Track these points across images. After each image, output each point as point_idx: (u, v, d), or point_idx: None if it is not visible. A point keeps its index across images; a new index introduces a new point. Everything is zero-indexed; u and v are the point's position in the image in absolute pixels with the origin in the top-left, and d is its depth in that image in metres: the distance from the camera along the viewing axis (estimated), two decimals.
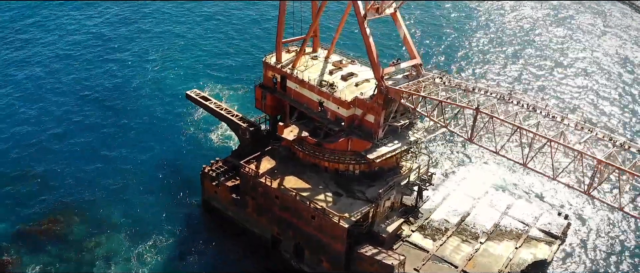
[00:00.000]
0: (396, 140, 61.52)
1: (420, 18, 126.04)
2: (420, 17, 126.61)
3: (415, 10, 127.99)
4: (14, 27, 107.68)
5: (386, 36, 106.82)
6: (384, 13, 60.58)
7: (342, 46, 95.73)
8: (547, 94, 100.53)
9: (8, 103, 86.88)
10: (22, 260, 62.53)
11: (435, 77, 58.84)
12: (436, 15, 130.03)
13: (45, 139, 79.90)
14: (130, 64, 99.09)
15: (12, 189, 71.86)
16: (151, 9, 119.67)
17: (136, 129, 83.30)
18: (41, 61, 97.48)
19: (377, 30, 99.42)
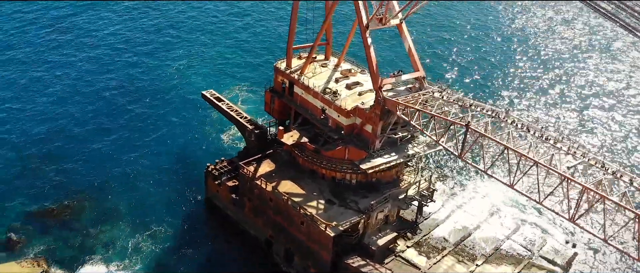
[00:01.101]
0: (394, 152, 60.82)
1: (431, 29, 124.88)
2: (430, 27, 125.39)
3: (425, 21, 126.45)
4: (57, 27, 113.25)
5: None
6: (388, 24, 60.22)
7: (358, 56, 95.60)
8: (551, 112, 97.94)
9: (39, 95, 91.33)
10: (29, 241, 65.71)
11: (435, 91, 57.94)
12: (447, 25, 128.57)
13: (68, 130, 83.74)
14: (156, 62, 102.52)
15: (33, 174, 75.73)
16: (180, 9, 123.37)
17: (154, 125, 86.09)
18: (73, 60, 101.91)
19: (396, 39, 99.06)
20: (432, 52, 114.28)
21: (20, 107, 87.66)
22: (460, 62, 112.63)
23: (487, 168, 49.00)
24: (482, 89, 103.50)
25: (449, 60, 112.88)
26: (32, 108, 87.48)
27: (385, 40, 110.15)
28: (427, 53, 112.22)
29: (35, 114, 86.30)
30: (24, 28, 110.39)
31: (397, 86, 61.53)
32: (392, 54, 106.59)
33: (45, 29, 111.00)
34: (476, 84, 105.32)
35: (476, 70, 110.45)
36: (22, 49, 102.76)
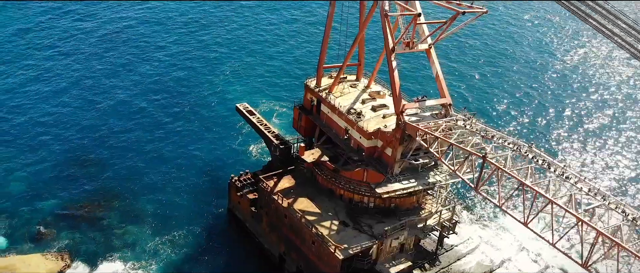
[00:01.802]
0: (413, 179, 59.33)
1: (458, 54, 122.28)
2: (458, 52, 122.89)
3: (453, 45, 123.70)
4: (109, 36, 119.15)
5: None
6: (416, 48, 59.36)
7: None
8: (580, 149, 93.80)
9: (86, 100, 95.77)
10: (57, 235, 68.64)
11: (459, 120, 56.29)
12: (475, 51, 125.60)
13: (107, 133, 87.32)
14: (200, 74, 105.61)
15: (71, 173, 79.26)
16: (229, 28, 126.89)
17: (188, 134, 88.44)
18: (123, 61, 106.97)
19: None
20: (459, 78, 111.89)
21: (68, 110, 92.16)
22: (490, 90, 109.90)
23: (502, 203, 46.91)
24: (509, 119, 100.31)
25: (477, 87, 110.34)
26: (78, 112, 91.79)
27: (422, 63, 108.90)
28: (454, 78, 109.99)
29: (80, 117, 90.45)
30: (77, 35, 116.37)
31: (423, 111, 60.32)
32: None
33: (97, 36, 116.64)
34: (504, 113, 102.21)
35: (505, 99, 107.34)
36: (73, 56, 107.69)
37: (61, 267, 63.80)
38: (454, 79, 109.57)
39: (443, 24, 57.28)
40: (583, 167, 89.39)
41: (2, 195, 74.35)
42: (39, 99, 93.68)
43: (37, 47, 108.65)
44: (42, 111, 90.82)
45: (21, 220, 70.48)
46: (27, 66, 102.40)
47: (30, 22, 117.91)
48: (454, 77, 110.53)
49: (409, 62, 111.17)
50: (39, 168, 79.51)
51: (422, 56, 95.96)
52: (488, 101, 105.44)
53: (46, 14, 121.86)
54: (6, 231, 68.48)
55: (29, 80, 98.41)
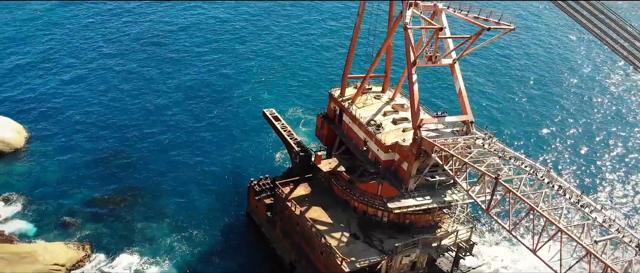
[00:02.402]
0: (429, 196, 57.94)
1: (483, 70, 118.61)
2: (484, 68, 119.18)
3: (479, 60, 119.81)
4: (152, 34, 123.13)
5: None
6: (439, 63, 58.11)
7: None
8: (602, 177, 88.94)
9: (124, 94, 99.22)
10: (81, 225, 71.18)
11: (479, 138, 54.64)
12: (500, 67, 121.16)
13: (139, 132, 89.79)
14: (234, 77, 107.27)
15: (102, 166, 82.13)
16: (270, 29, 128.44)
17: (217, 136, 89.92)
18: (161, 64, 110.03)
19: None
20: (485, 95, 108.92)
21: (106, 109, 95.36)
22: (516, 109, 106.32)
23: (512, 227, 45.07)
24: (533, 141, 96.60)
25: (503, 105, 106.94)
26: (114, 111, 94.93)
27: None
28: (480, 95, 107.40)
29: (116, 117, 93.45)
30: (122, 37, 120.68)
31: (445, 127, 58.98)
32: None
33: (140, 40, 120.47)
34: (528, 134, 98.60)
35: (530, 119, 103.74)
36: (116, 58, 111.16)
37: (81, 257, 65.98)
38: (480, 96, 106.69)
39: (467, 39, 55.94)
40: (604, 196, 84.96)
41: (37, 184, 77.81)
42: (80, 97, 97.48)
43: (84, 47, 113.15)
44: (82, 108, 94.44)
45: (50, 209, 73.49)
46: (71, 64, 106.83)
47: (80, 23, 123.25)
48: (480, 94, 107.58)
49: (442, 78, 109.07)
50: (73, 161, 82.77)
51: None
52: (513, 121, 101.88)
53: (96, 15, 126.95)
54: (35, 218, 71.57)
55: (72, 78, 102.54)
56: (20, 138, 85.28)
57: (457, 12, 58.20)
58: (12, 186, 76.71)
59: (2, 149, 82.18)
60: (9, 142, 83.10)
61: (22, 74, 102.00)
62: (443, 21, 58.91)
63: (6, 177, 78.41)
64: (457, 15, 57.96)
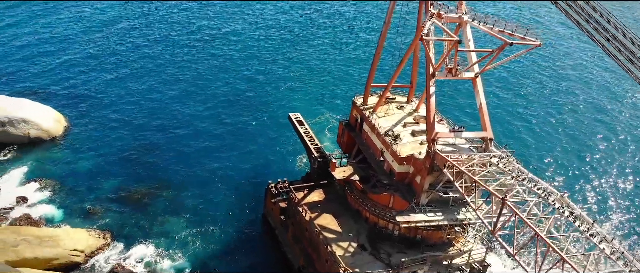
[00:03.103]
0: (441, 213, 56.32)
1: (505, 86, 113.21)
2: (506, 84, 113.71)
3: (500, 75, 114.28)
4: (188, 32, 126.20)
5: None
6: (460, 76, 56.45)
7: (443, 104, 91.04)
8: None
9: (160, 92, 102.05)
10: (104, 214, 73.76)
11: (495, 156, 52.69)
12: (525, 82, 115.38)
13: (170, 128, 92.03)
14: (266, 80, 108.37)
15: (131, 159, 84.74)
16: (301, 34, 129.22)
17: (243, 137, 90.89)
18: (196, 66, 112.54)
19: None
20: (509, 112, 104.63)
21: (142, 104, 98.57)
22: (542, 129, 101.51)
23: (515, 251, 43.13)
24: (557, 165, 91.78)
25: (526, 124, 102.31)
26: (150, 106, 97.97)
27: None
28: (504, 112, 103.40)
29: (151, 111, 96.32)
30: (169, 36, 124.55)
31: (464, 143, 57.32)
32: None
33: (185, 40, 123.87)
34: (551, 155, 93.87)
35: (556, 140, 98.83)
36: (158, 59, 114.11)
37: (100, 245, 68.27)
38: (504, 113, 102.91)
39: (489, 53, 54.14)
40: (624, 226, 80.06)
41: (70, 172, 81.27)
42: (119, 93, 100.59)
43: (129, 48, 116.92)
44: (120, 104, 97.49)
45: (78, 196, 76.53)
46: (116, 63, 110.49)
47: (130, 21, 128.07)
48: (503, 111, 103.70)
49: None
50: (106, 152, 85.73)
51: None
52: (541, 142, 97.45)
53: (145, 17, 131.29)
54: (62, 204, 74.73)
55: (115, 75, 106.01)
56: (59, 126, 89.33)
57: (482, 25, 56.45)
58: (45, 172, 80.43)
59: (41, 136, 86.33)
60: (47, 130, 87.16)
61: (69, 68, 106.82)
62: (467, 34, 57.36)
63: (41, 163, 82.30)
64: (482, 28, 56.22)
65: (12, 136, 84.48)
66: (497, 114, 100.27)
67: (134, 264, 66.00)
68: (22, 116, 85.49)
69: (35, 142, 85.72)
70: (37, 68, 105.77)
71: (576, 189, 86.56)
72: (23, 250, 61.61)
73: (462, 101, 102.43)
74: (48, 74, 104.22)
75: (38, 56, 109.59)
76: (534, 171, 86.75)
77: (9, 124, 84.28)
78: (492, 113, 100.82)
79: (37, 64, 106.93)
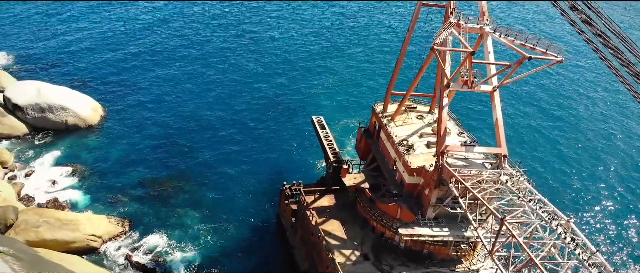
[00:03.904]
0: (447, 228, 54.63)
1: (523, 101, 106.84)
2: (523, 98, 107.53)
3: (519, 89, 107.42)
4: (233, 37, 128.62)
5: None
6: (476, 88, 54.60)
7: (465, 115, 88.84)
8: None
9: (193, 92, 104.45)
10: (127, 202, 76.29)
11: (505, 174, 50.58)
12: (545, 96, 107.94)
13: (201, 126, 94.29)
14: (300, 83, 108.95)
15: (160, 152, 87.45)
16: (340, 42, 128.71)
17: (269, 138, 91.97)
18: (234, 67, 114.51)
19: None
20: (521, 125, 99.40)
21: (176, 100, 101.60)
22: (569, 153, 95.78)
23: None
24: (576, 188, 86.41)
25: (551, 140, 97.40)
26: (184, 103, 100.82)
27: None
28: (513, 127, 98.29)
29: (184, 108, 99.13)
30: (212, 34, 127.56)
31: (477, 157, 55.42)
32: None
33: (228, 34, 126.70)
34: (572, 176, 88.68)
35: (573, 161, 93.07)
36: (200, 60, 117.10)
37: (118, 232, 70.65)
38: (523, 130, 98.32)
39: (507, 67, 52.00)
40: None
41: (101, 160, 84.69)
42: (158, 88, 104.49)
43: (174, 45, 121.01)
44: (157, 99, 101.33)
45: (105, 183, 79.61)
46: (158, 60, 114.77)
47: (175, 22, 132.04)
48: (522, 127, 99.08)
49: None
50: (137, 143, 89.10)
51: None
52: (563, 164, 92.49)
53: (189, 17, 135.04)
54: (89, 189, 77.93)
55: (156, 71, 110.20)
56: (96, 115, 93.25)
57: (502, 38, 54.31)
58: (78, 158, 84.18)
59: (78, 123, 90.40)
60: (85, 118, 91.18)
61: (112, 62, 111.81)
62: (488, 46, 55.46)
63: (75, 149, 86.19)
64: (502, 40, 54.07)
65: (51, 122, 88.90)
66: (518, 128, 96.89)
67: (146, 253, 67.86)
68: (61, 104, 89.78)
69: (72, 129, 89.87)
70: (82, 60, 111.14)
71: (589, 212, 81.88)
72: (43, 231, 64.56)
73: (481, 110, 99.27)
74: (92, 67, 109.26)
75: (85, 50, 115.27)
76: (551, 189, 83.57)
77: (49, 110, 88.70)
78: (515, 125, 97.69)
79: (83, 57, 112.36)
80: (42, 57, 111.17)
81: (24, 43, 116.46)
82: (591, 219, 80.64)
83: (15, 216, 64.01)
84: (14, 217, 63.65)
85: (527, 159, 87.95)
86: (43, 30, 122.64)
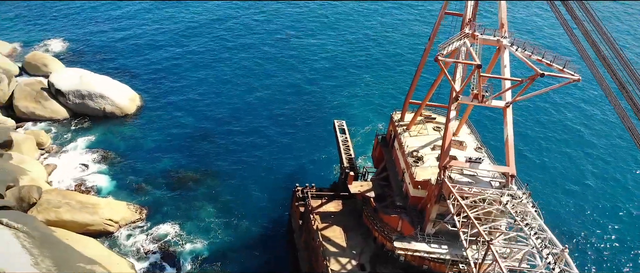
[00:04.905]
0: (446, 245, 52.66)
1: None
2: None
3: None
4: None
5: None
6: (487, 103, 52.28)
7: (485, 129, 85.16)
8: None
9: (229, 89, 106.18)
10: (149, 191, 78.88)
11: (509, 195, 48.16)
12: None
13: (231, 123, 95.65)
14: (334, 86, 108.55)
15: (189, 145, 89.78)
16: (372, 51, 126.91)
17: (291, 140, 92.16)
18: (272, 65, 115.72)
19: None
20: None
21: (215, 93, 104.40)
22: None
23: None
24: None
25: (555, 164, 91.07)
26: (221, 97, 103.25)
27: None
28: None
29: (220, 102, 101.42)
30: (255, 33, 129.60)
31: (485, 175, 53.12)
32: None
33: (267, 31, 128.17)
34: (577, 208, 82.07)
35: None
36: (242, 61, 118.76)
37: (134, 219, 73.19)
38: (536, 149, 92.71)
39: (519, 82, 49.48)
40: None
41: (132, 148, 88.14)
42: (195, 83, 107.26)
43: (214, 43, 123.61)
44: (193, 93, 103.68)
45: (132, 171, 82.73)
46: (199, 56, 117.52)
47: (228, 20, 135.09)
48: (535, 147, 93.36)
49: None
50: (168, 135, 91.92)
51: None
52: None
53: (235, 16, 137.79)
54: (115, 176, 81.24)
55: (195, 67, 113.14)
56: (132, 105, 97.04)
57: (518, 51, 51.76)
58: (110, 145, 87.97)
59: (115, 112, 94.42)
60: (121, 107, 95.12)
61: (154, 55, 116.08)
62: (505, 59, 53.01)
63: (109, 136, 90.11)
64: (518, 54, 51.53)
65: (90, 109, 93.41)
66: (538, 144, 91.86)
67: (155, 241, 69.85)
68: (101, 92, 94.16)
69: (109, 116, 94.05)
70: (129, 53, 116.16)
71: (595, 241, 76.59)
72: (63, 212, 67.89)
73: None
74: (137, 60, 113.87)
75: (133, 44, 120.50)
76: (557, 210, 78.89)
77: (89, 97, 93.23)
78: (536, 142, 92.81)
79: (130, 50, 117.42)
80: (93, 47, 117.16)
81: (80, 33, 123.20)
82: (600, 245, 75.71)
83: (39, 196, 67.65)
84: (37, 196, 67.29)
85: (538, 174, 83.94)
86: (100, 23, 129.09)
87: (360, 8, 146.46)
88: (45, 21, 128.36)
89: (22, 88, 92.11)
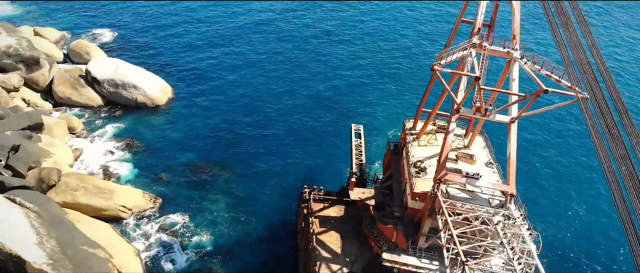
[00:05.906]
0: (437, 262, 50.78)
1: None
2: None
3: None
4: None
5: None
6: (491, 117, 50.06)
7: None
8: None
9: (258, 86, 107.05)
10: (165, 181, 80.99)
11: (502, 215, 45.88)
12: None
13: (257, 119, 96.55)
14: (362, 89, 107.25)
15: (213, 138, 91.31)
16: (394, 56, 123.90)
17: (309, 140, 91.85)
18: (302, 65, 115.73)
19: None
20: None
21: (244, 89, 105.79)
22: None
23: None
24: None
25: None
26: (250, 94, 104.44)
27: None
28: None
29: (248, 99, 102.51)
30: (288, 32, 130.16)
31: (484, 191, 50.88)
32: None
33: (304, 29, 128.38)
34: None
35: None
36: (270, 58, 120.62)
37: (147, 207, 75.34)
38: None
39: (523, 98, 46.94)
40: None
41: (158, 139, 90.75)
42: (227, 78, 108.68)
43: (248, 39, 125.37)
44: (224, 88, 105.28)
45: (155, 161, 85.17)
46: (232, 50, 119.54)
47: (263, 19, 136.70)
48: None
49: None
50: (195, 128, 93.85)
51: None
52: None
53: (273, 16, 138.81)
54: (138, 164, 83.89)
55: (227, 61, 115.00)
56: (163, 96, 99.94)
57: (527, 65, 49.11)
58: (137, 134, 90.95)
59: (146, 102, 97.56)
60: (152, 98, 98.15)
61: (190, 50, 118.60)
62: (513, 72, 50.51)
63: (138, 126, 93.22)
64: (526, 68, 48.90)
65: (123, 98, 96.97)
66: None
67: (164, 230, 71.55)
68: (134, 82, 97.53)
69: (140, 107, 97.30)
70: (164, 45, 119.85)
71: None
72: (79, 195, 70.81)
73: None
74: (171, 51, 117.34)
75: (170, 35, 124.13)
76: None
77: (122, 87, 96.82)
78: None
79: (166, 42, 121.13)
80: (136, 41, 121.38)
81: (128, 26, 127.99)
82: None
83: (58, 178, 70.90)
84: (56, 178, 70.55)
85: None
86: (149, 18, 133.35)
87: (398, 14, 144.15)
88: (97, 13, 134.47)
89: (61, 74, 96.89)
